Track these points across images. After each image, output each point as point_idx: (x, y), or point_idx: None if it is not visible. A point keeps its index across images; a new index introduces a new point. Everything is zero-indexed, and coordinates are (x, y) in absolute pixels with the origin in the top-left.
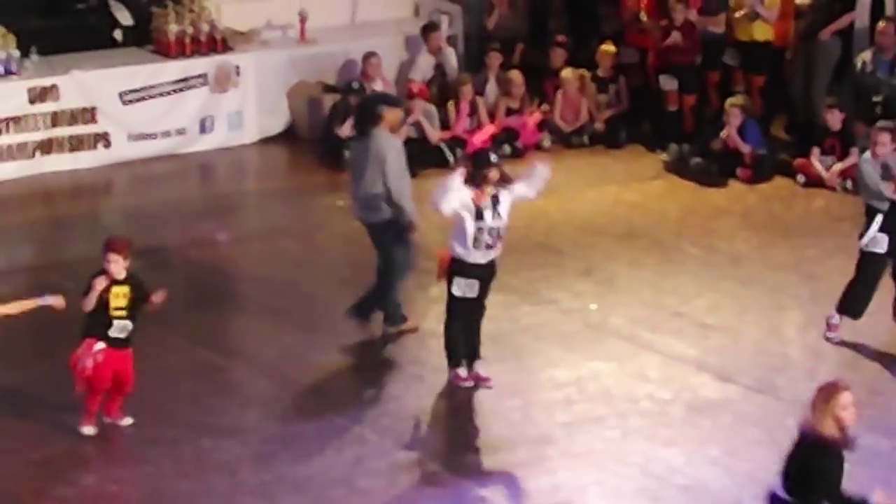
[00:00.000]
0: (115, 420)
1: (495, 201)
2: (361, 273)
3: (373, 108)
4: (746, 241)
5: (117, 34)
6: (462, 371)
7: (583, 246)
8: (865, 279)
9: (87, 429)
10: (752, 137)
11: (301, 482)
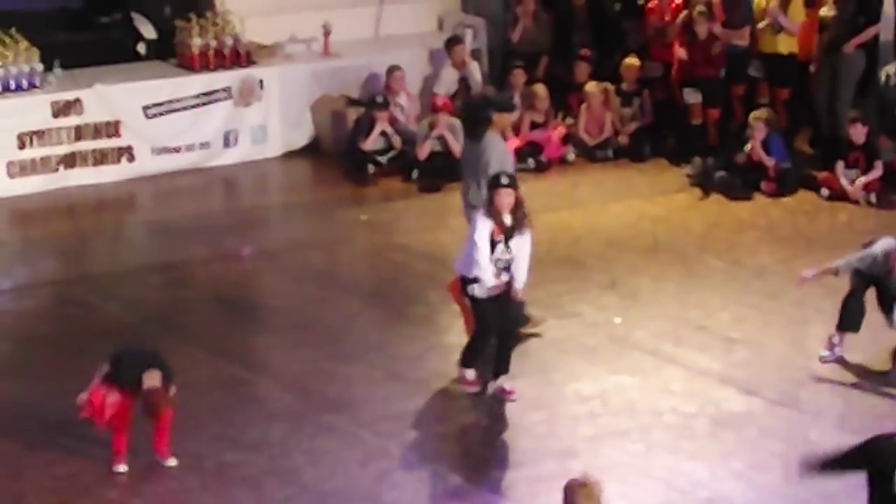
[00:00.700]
0: (162, 460)
1: (508, 236)
2: (385, 287)
3: (483, 111)
4: (771, 254)
5: (141, 48)
6: (470, 374)
7: (607, 259)
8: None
9: (120, 467)
10: (777, 151)
11: (326, 497)
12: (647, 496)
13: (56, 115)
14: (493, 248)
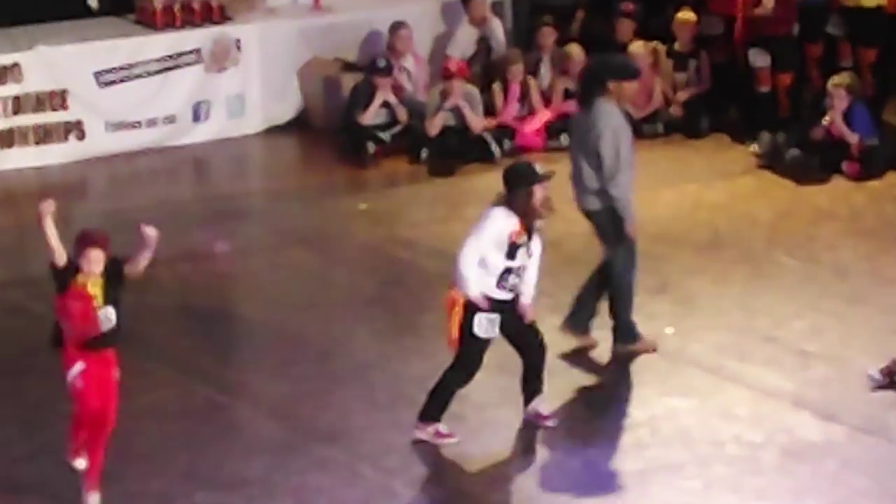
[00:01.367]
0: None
1: (530, 236)
2: (388, 291)
3: (598, 74)
4: (853, 250)
5: (92, 1)
6: (444, 427)
7: (656, 257)
8: None
9: (80, 462)
10: (861, 124)
11: None
12: None
13: None
14: (512, 255)
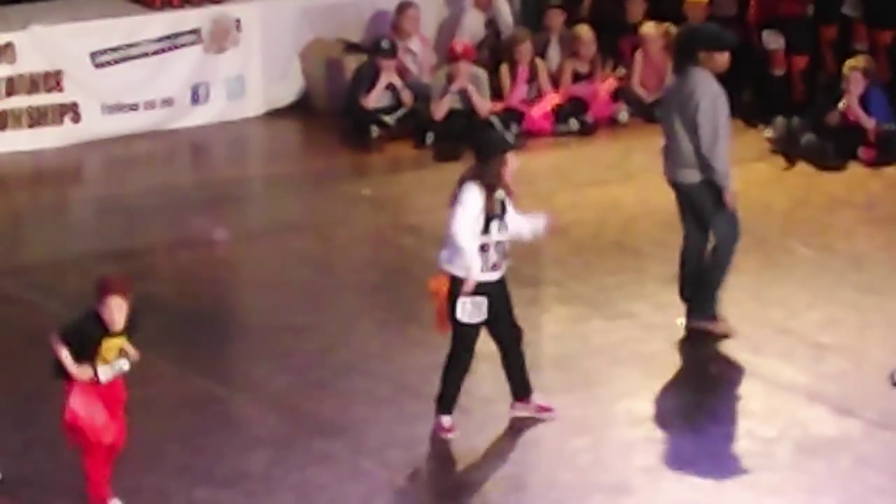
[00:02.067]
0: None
1: (503, 208)
2: (392, 280)
3: (689, 44)
4: (870, 238)
5: None
6: (447, 420)
7: (667, 245)
8: None
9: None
10: (878, 109)
11: None
12: None
13: None
14: (486, 230)
